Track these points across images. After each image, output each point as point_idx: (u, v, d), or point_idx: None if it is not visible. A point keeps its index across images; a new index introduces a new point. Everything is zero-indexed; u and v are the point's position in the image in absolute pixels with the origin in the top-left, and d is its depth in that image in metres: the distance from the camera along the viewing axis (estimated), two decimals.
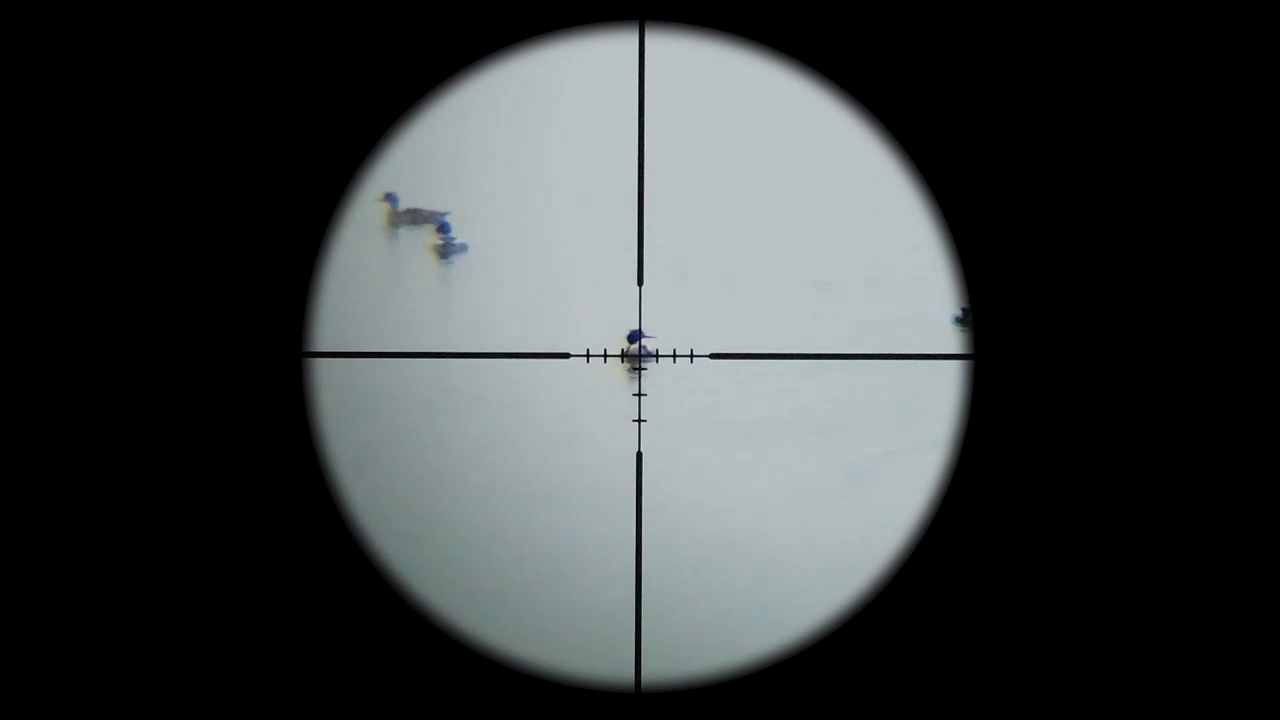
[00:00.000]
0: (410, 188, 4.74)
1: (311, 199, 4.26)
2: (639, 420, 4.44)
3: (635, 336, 4.66)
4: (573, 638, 4.38)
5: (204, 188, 4.23)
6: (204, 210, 4.23)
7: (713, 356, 4.46)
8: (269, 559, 4.24)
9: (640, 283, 4.47)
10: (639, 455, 4.43)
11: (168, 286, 4.22)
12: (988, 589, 4.25)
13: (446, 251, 4.81)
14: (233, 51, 4.23)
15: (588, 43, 4.33)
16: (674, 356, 4.44)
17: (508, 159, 4.81)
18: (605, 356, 4.43)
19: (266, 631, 4.23)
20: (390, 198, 4.89)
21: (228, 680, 4.22)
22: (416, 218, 4.89)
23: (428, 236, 4.92)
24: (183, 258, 4.22)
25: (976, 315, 4.26)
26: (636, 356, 4.64)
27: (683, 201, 4.77)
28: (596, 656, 4.35)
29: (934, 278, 4.39)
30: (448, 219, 4.87)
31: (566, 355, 4.44)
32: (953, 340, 4.35)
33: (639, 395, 4.44)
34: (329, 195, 4.27)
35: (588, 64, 4.47)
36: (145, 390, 4.20)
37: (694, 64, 4.46)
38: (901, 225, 4.59)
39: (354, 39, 4.26)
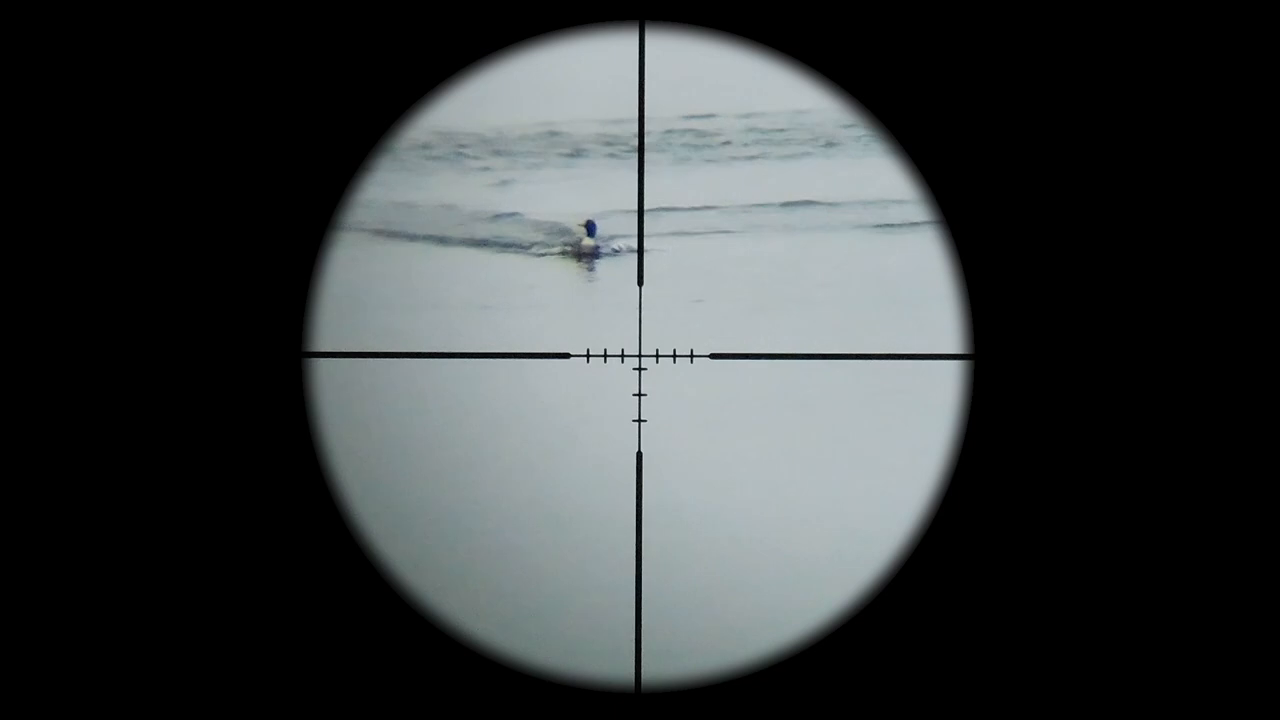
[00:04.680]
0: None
1: (312, 199, 4.26)
2: (639, 420, 4.44)
3: (593, 228, 4.64)
4: (573, 638, 4.37)
5: (204, 188, 4.23)
6: (204, 211, 4.23)
7: (713, 356, 4.46)
8: (269, 559, 4.24)
9: (640, 283, 4.47)
10: (639, 455, 4.42)
11: (168, 287, 4.21)
12: (988, 589, 4.25)
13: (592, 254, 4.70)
14: (232, 52, 4.23)
15: (588, 43, 4.33)
16: (674, 356, 4.44)
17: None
18: (605, 356, 4.43)
19: (267, 631, 4.23)
20: (589, 226, 4.68)
21: (228, 680, 4.22)
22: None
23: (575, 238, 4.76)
24: (183, 258, 4.22)
25: (975, 315, 4.26)
26: (592, 252, 4.62)
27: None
28: (596, 656, 4.35)
29: (934, 278, 4.39)
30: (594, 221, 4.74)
31: (567, 355, 4.44)
32: (953, 340, 4.35)
33: (639, 395, 4.44)
34: (329, 195, 4.27)
35: (588, 64, 4.46)
36: (146, 390, 4.20)
37: (694, 64, 4.45)
38: (901, 225, 4.58)
39: (354, 39, 4.26)
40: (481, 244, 4.76)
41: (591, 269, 4.71)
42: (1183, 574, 4.21)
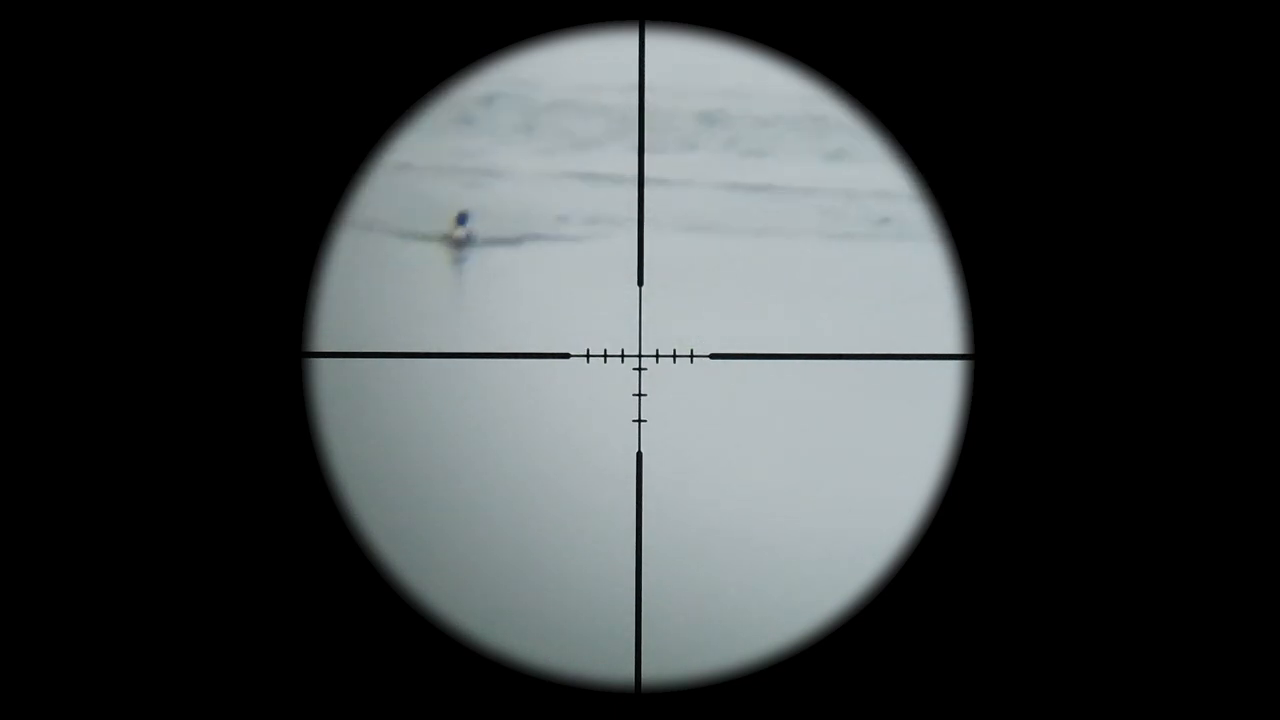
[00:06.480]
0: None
1: (312, 199, 4.26)
2: (639, 420, 4.44)
3: (464, 219, 4.65)
4: (573, 638, 4.37)
5: (203, 188, 4.23)
6: (204, 210, 4.23)
7: (713, 357, 4.46)
8: (269, 559, 4.24)
9: (640, 283, 4.47)
10: (639, 455, 4.42)
11: (168, 287, 4.21)
12: (988, 589, 4.25)
13: (463, 244, 4.72)
14: (232, 51, 4.23)
15: (588, 43, 4.33)
16: (674, 356, 4.44)
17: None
18: (605, 356, 4.43)
19: (267, 631, 4.23)
20: (461, 217, 4.71)
21: (228, 680, 4.22)
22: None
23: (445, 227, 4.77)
24: (183, 258, 4.22)
25: (975, 315, 4.26)
26: (463, 240, 4.62)
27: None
28: (596, 656, 4.35)
29: (934, 277, 4.39)
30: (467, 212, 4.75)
31: (566, 355, 4.44)
32: (951, 340, 4.35)
33: (639, 395, 4.44)
34: (329, 195, 4.27)
35: (588, 64, 4.46)
36: (145, 390, 4.20)
37: (694, 64, 4.45)
38: (901, 224, 4.59)
39: (354, 38, 4.26)
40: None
41: (462, 260, 4.72)
42: (1183, 573, 4.21)
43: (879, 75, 4.25)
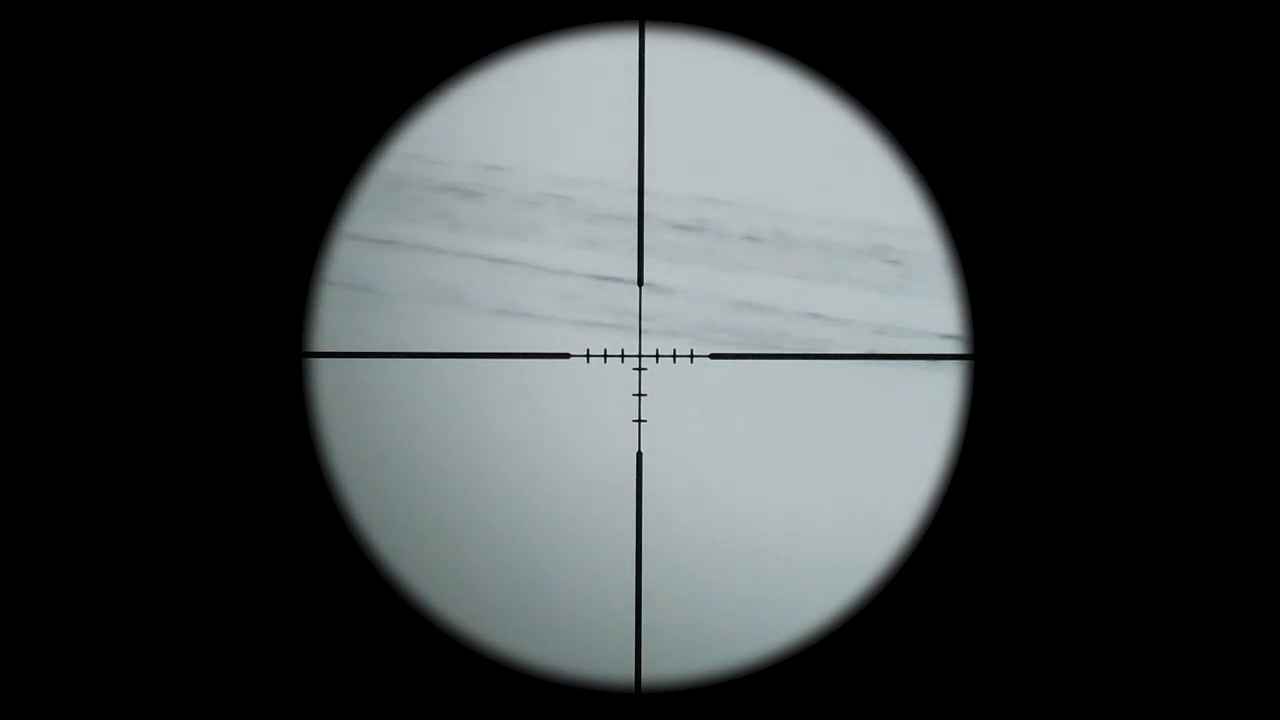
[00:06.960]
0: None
1: (311, 199, 4.26)
2: (639, 420, 4.44)
3: None
4: (573, 638, 4.37)
5: (204, 187, 4.23)
6: (204, 210, 4.23)
7: (713, 357, 4.46)
8: (269, 559, 4.24)
9: (640, 283, 4.47)
10: (639, 455, 4.42)
11: (168, 286, 4.22)
12: (988, 589, 4.25)
13: None
14: (232, 51, 4.23)
15: (588, 43, 4.33)
16: (674, 356, 4.44)
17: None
18: (605, 356, 4.43)
19: (267, 631, 4.23)
20: None
21: (228, 680, 4.22)
22: None
23: None
24: (183, 257, 4.22)
25: (975, 315, 4.26)
26: None
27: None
28: (596, 656, 4.35)
29: (933, 277, 4.39)
30: None
31: (567, 355, 4.44)
32: (953, 340, 4.35)
33: (639, 395, 4.44)
34: (329, 195, 4.27)
35: (588, 64, 4.46)
36: (145, 390, 4.20)
37: (694, 64, 4.45)
38: (901, 225, 4.59)
39: (353, 39, 4.26)
40: None
41: None
42: (1183, 574, 4.22)
43: (879, 75, 4.25)
